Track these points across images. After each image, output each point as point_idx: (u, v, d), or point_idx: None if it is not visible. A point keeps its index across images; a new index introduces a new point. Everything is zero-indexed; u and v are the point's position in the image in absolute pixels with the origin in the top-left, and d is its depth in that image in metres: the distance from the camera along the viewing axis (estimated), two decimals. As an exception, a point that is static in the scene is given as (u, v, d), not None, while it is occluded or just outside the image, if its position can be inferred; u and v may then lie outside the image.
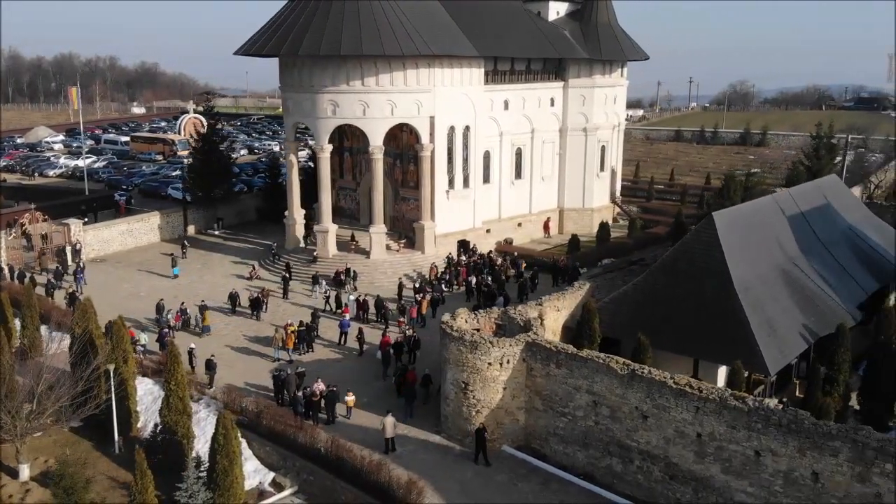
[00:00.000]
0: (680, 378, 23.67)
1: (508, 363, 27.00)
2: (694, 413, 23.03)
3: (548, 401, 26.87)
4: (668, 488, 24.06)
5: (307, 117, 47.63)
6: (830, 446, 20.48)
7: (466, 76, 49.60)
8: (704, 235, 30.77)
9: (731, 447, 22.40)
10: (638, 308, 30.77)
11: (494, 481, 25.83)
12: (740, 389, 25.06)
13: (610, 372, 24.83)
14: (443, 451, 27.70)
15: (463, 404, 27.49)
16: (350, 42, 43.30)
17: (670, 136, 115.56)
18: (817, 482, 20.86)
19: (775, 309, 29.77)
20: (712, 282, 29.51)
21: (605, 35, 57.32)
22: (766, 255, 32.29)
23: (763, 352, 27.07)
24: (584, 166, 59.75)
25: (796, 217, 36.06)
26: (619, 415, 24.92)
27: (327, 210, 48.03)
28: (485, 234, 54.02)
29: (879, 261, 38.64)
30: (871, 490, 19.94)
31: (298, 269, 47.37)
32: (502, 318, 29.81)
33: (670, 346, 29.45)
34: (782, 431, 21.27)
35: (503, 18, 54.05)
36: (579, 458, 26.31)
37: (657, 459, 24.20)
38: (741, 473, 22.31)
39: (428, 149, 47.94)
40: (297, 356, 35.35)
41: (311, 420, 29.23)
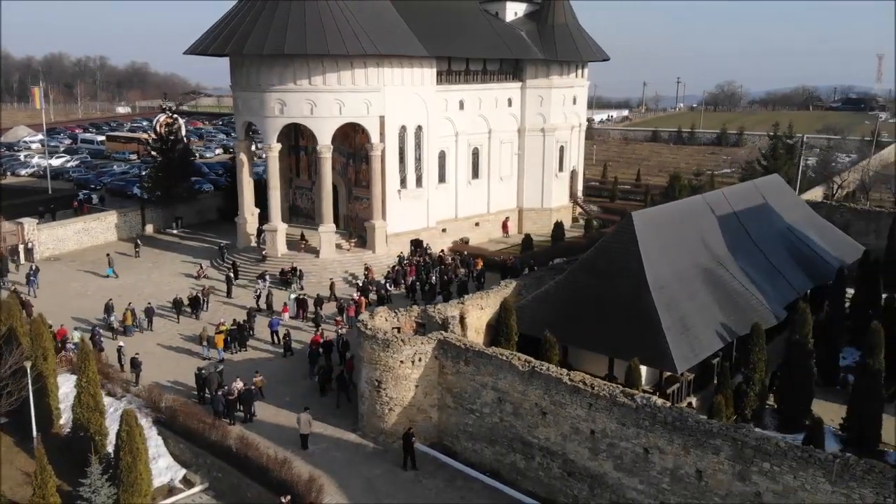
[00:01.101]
0: (575, 375, 23.82)
1: (420, 361, 27.13)
2: (587, 409, 23.18)
3: (458, 398, 27.03)
4: (567, 485, 24.20)
5: (255, 116, 47.74)
6: (712, 444, 20.62)
7: (418, 76, 49.71)
8: (623, 235, 30.90)
9: (622, 444, 22.55)
10: (557, 306, 30.89)
11: (400, 478, 25.95)
12: (637, 387, 25.23)
13: (512, 369, 24.98)
14: (356, 448, 27.82)
15: (376, 402, 27.62)
16: (294, 41, 43.42)
17: (647, 136, 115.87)
18: (701, 480, 21.00)
19: (692, 308, 29.89)
20: (628, 281, 29.64)
21: (561, 36, 57.50)
22: (689, 254, 32.42)
23: (672, 350, 27.19)
24: (542, 166, 59.94)
25: (728, 217, 36.20)
26: (521, 411, 25.07)
27: (276, 209, 48.13)
28: (440, 234, 54.17)
29: (817, 260, 38.82)
30: (751, 489, 20.08)
31: (247, 268, 47.50)
32: (422, 317, 29.93)
33: (587, 343, 29.66)
34: (668, 429, 21.41)
35: (458, 19, 54.24)
36: (486, 455, 26.46)
37: (556, 456, 24.35)
38: (632, 471, 22.46)
39: (378, 148, 48.06)
40: (229, 355, 35.45)
41: (229, 418, 29.36)
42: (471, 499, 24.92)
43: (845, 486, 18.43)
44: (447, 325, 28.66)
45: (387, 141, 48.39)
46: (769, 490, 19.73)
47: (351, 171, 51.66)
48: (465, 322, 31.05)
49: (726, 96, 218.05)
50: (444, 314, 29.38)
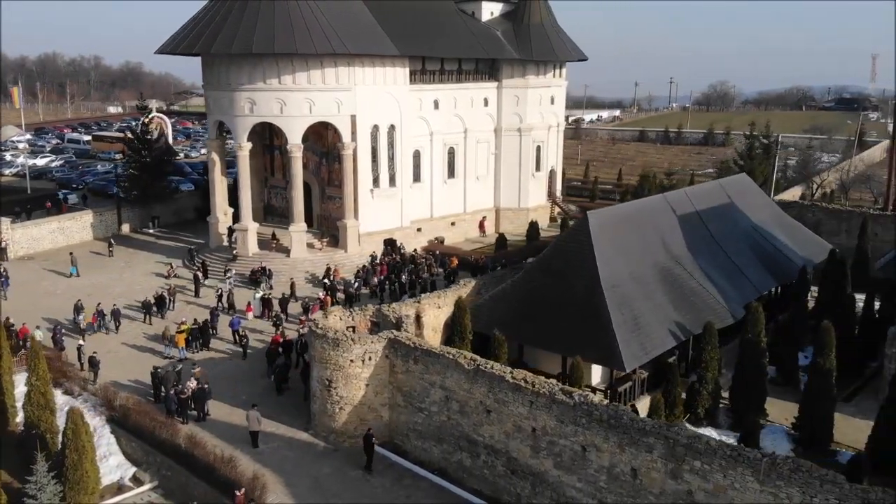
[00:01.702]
0: (517, 373, 23.82)
1: (371, 360, 27.12)
2: (529, 407, 23.18)
3: (408, 397, 27.02)
4: (510, 483, 24.20)
5: (225, 115, 47.72)
6: (645, 442, 20.62)
7: (390, 75, 49.72)
8: (578, 234, 30.91)
9: (561, 442, 22.55)
10: (513, 305, 30.87)
11: (348, 477, 25.95)
12: (579, 385, 25.26)
13: (458, 367, 24.97)
14: (306, 448, 27.79)
15: (327, 401, 27.61)
16: (263, 40, 43.43)
17: (635, 136, 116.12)
18: (636, 478, 20.99)
19: (646, 306, 29.89)
20: (582, 280, 29.63)
21: (537, 35, 57.51)
22: (646, 253, 32.42)
23: (621, 348, 27.17)
24: (519, 166, 59.99)
25: (689, 216, 36.21)
26: (467, 409, 25.07)
27: (247, 208, 48.12)
28: (415, 233, 54.19)
29: (781, 260, 38.84)
30: (684, 487, 20.07)
31: (218, 267, 47.46)
32: (376, 316, 29.92)
33: (541, 342, 29.64)
34: (604, 427, 21.41)
35: (433, 18, 54.24)
36: (435, 454, 26.46)
37: (500, 454, 24.35)
38: (571, 468, 22.46)
39: (350, 147, 48.08)
40: (190, 354, 35.46)
41: (182, 417, 29.37)
42: (417, 497, 24.91)
43: (773, 485, 18.42)
44: (400, 325, 28.64)
45: (359, 140, 48.41)
46: (700, 489, 19.72)
47: (324, 170, 51.67)
48: (421, 321, 31.04)
49: (719, 96, 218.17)
50: (399, 313, 29.37)
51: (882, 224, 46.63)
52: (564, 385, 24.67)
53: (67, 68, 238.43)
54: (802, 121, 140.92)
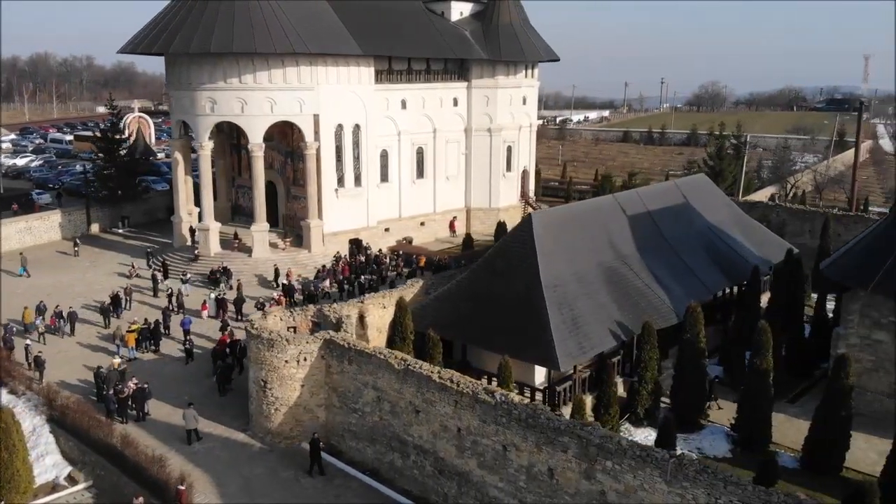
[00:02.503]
0: (445, 372, 23.75)
1: (306, 360, 27.04)
2: (454, 407, 23.11)
3: (342, 397, 26.95)
4: (438, 483, 24.13)
5: (187, 114, 47.61)
6: (561, 442, 20.55)
7: (354, 75, 49.65)
8: (522, 235, 30.89)
9: (483, 441, 22.48)
10: (457, 305, 30.84)
11: (280, 477, 25.85)
12: (509, 384, 25.20)
13: (389, 367, 24.90)
14: (241, 448, 27.68)
15: (263, 402, 27.53)
16: (221, 39, 43.36)
17: (619, 137, 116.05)
18: (552, 478, 20.92)
19: (587, 306, 29.83)
20: (523, 280, 29.60)
21: (506, 35, 57.40)
22: (592, 253, 32.36)
23: (557, 348, 27.13)
24: (489, 166, 59.87)
25: (640, 216, 36.16)
26: (398, 409, 25.00)
27: (209, 208, 48.01)
28: (383, 233, 54.12)
29: (737, 260, 38.76)
30: (597, 487, 20.00)
31: (181, 267, 47.37)
32: (317, 316, 29.84)
33: (483, 342, 29.58)
34: (522, 426, 21.34)
35: (399, 18, 54.14)
36: (368, 454, 26.39)
37: (428, 454, 24.28)
38: (493, 468, 22.39)
39: (313, 147, 47.99)
40: (140, 354, 35.37)
41: (122, 417, 29.29)
42: (346, 498, 24.82)
43: (680, 486, 18.35)
44: (340, 325, 28.56)
45: (323, 140, 48.32)
46: (612, 489, 19.66)
47: (289, 169, 51.58)
48: (365, 321, 30.97)
49: (710, 97, 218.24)
50: (339, 313, 29.28)
51: (844, 224, 46.58)
52: (505, 385, 24.79)
53: (60, 68, 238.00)
54: (790, 121, 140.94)
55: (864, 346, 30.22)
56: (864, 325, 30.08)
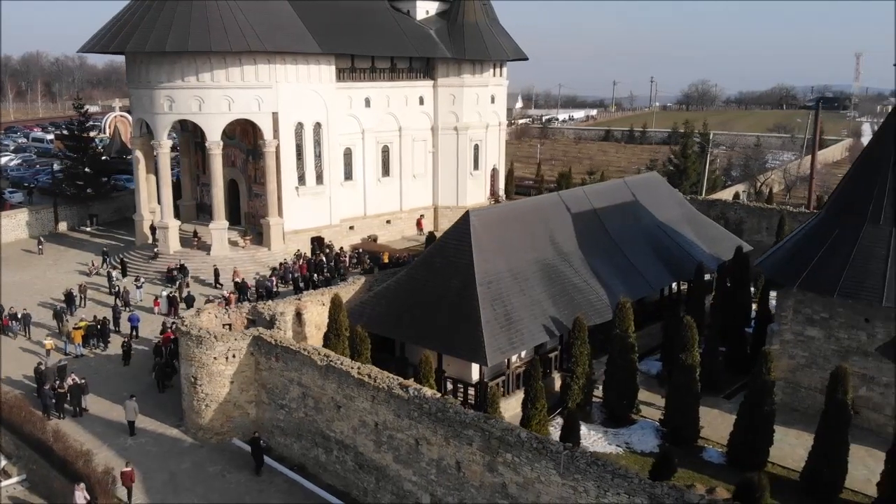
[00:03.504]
0: (363, 368, 23.96)
1: (235, 357, 27.24)
2: (371, 402, 23.32)
3: (271, 394, 27.17)
4: (358, 478, 24.35)
5: (146, 113, 47.79)
6: (466, 435, 20.75)
7: (315, 73, 49.84)
8: (459, 232, 31.06)
9: (398, 436, 22.69)
10: (395, 302, 30.98)
11: (206, 472, 26.06)
12: (429, 379, 25.41)
13: (312, 364, 25.11)
14: (173, 443, 27.91)
15: (194, 398, 27.72)
16: (177, 38, 43.55)
17: (601, 135, 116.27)
18: (460, 471, 21.14)
19: (522, 302, 30.01)
20: (458, 277, 29.77)
21: (470, 34, 57.62)
22: (532, 250, 32.53)
23: (486, 344, 27.30)
24: (456, 165, 60.11)
25: (585, 214, 36.34)
26: (321, 405, 25.22)
27: (168, 206, 48.22)
28: (347, 231, 54.36)
29: (684, 257, 38.95)
30: (499, 480, 20.20)
31: (141, 265, 47.59)
32: (252, 314, 30.03)
33: (418, 339, 29.69)
34: (432, 420, 21.55)
35: (361, 17, 54.26)
36: (295, 450, 26.61)
37: (349, 449, 24.50)
38: (407, 462, 22.60)
39: (272, 145, 48.18)
40: (86, 351, 35.58)
41: (59, 412, 29.50)
42: (269, 493, 25.02)
43: (572, 478, 18.56)
44: (274, 322, 28.75)
45: (282, 138, 48.52)
46: (513, 482, 19.87)
47: (251, 167, 51.76)
48: (303, 318, 31.15)
49: (699, 95, 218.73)
50: (274, 311, 29.47)
51: (800, 221, 46.60)
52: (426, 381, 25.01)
53: (52, 67, 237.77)
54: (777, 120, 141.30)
55: (797, 343, 30.42)
56: (797, 322, 30.27)
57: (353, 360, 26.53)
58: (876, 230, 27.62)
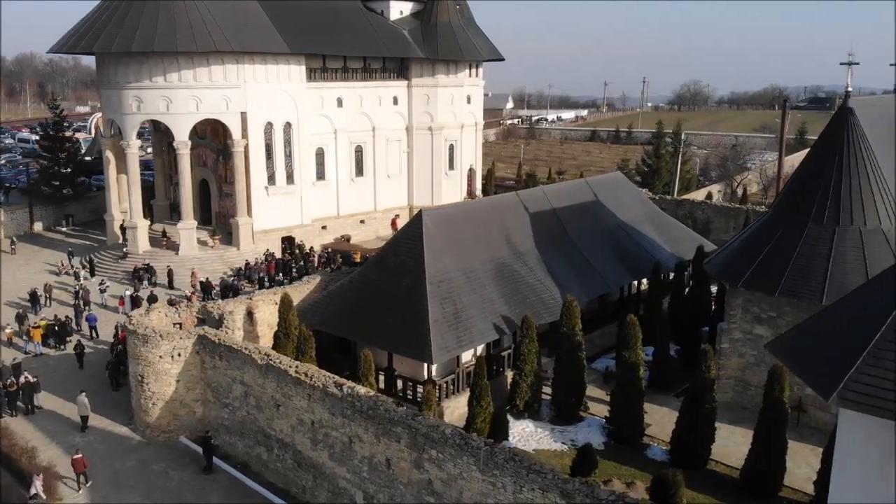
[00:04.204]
0: (302, 366, 24.12)
1: (180, 356, 27.39)
2: (308, 400, 23.49)
3: (216, 392, 27.33)
4: (297, 475, 24.52)
5: (115, 113, 47.92)
6: (395, 432, 20.92)
7: (284, 73, 49.99)
8: (411, 231, 31.21)
9: (333, 434, 22.87)
10: (347, 302, 31.10)
11: (150, 470, 26.22)
12: (368, 378, 25.57)
13: (253, 362, 25.27)
14: (121, 441, 28.08)
15: (141, 396, 27.87)
16: (144, 38, 43.70)
17: (587, 136, 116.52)
18: (389, 468, 21.31)
19: (473, 301, 30.14)
20: (409, 276, 29.90)
21: (444, 35, 57.77)
22: (486, 249, 32.66)
23: (433, 342, 27.43)
24: (431, 165, 60.27)
25: (543, 213, 36.49)
26: (262, 404, 25.38)
27: (137, 206, 48.35)
28: (320, 231, 54.48)
29: (644, 257, 39.08)
30: (425, 477, 20.37)
31: (110, 265, 47.72)
32: (202, 313, 30.17)
33: (369, 338, 29.76)
34: (364, 417, 21.72)
35: (332, 17, 54.36)
36: (239, 448, 26.77)
37: (288, 447, 24.66)
38: (341, 459, 22.78)
39: (240, 144, 48.32)
40: (47, 350, 35.72)
41: (11, 410, 29.67)
42: (210, 490, 25.19)
43: (491, 474, 18.73)
44: (222, 321, 28.90)
45: (251, 137, 48.66)
46: (437, 478, 20.03)
47: (221, 167, 51.88)
48: (254, 317, 31.28)
49: (691, 96, 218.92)
50: (223, 310, 29.62)
51: (766, 221, 46.94)
52: (364, 379, 25.17)
53: (46, 68, 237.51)
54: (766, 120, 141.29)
55: (746, 341, 30.59)
56: (745, 320, 30.43)
57: (298, 359, 26.73)
58: (819, 229, 27.80)
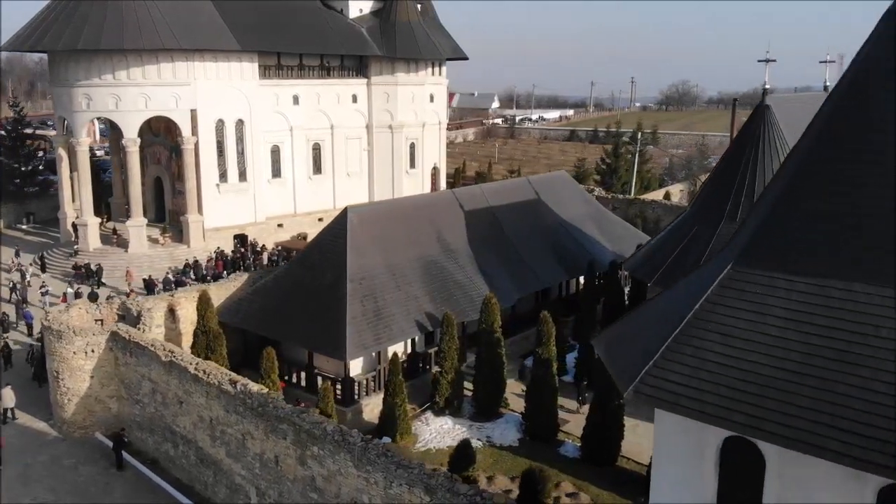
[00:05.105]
0: (201, 364, 24.15)
1: (94, 352, 27.40)
2: (206, 398, 23.53)
3: (128, 388, 27.36)
4: (200, 472, 24.57)
5: (66, 111, 47.91)
6: (281, 429, 20.97)
7: (236, 70, 49.98)
8: (336, 229, 31.28)
9: (229, 431, 22.90)
10: (270, 299, 31.14)
11: (61, 465, 26.25)
12: (271, 376, 25.60)
13: (158, 359, 25.29)
14: (37, 436, 28.11)
15: (57, 392, 27.89)
16: (91, 36, 43.71)
17: (566, 135, 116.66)
18: (278, 465, 21.35)
19: (396, 298, 30.17)
20: (331, 273, 29.96)
21: (402, 33, 57.75)
22: (414, 247, 32.67)
23: (347, 339, 27.47)
24: (392, 163, 60.29)
25: (479, 211, 36.51)
26: (168, 401, 25.42)
27: (88, 204, 48.32)
28: (275, 229, 54.43)
29: (581, 255, 39.10)
30: (309, 473, 20.42)
31: (61, 262, 47.72)
32: (122, 309, 30.18)
33: (289, 336, 29.84)
34: (255, 415, 21.75)
35: (287, 14, 54.14)
36: (149, 444, 26.83)
37: (191, 444, 24.71)
38: (236, 456, 22.82)
39: (190, 142, 48.30)
40: (-20, 345, 35.73)
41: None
42: (116, 486, 25.20)
43: (365, 469, 18.78)
44: (140, 318, 28.92)
45: (202, 134, 48.64)
46: (319, 474, 20.08)
47: (174, 164, 51.88)
48: (176, 315, 31.25)
49: (679, 96, 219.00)
50: (142, 307, 29.64)
51: (716, 220, 46.99)
52: (267, 377, 25.21)
53: (36, 67, 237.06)
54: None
55: (668, 339, 30.58)
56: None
57: (209, 357, 26.82)
58: (731, 228, 27.76)
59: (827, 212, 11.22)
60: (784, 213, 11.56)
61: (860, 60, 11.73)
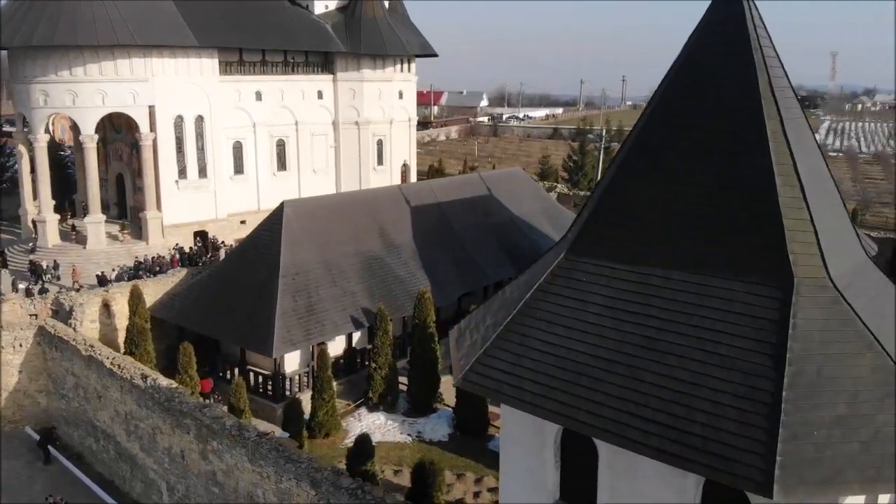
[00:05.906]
0: (116, 358, 24.08)
1: (22, 347, 27.35)
2: (121, 392, 23.46)
3: (55, 383, 27.32)
4: (118, 466, 24.53)
5: (24, 108, 47.73)
6: (185, 424, 20.88)
7: (195, 66, 49.82)
8: (272, 224, 31.18)
9: (141, 425, 22.84)
10: (203, 294, 31.03)
11: (-18, 461, 26.21)
12: (188, 371, 25.52)
13: (80, 354, 25.21)
14: (-34, 432, 28.06)
15: (-15, 387, 27.84)
16: (44, 32, 43.53)
17: (549, 133, 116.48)
18: (184, 459, 21.27)
19: (331, 294, 30.12)
20: (265, 268, 29.88)
21: (368, 29, 57.56)
22: (352, 242, 32.63)
23: (275, 335, 27.40)
24: (359, 160, 60.16)
25: (426, 207, 36.45)
26: (89, 395, 25.36)
27: (46, 200, 48.15)
28: (238, 226, 54.09)
29: (532, 250, 38.98)
30: (211, 468, 20.34)
31: (21, 259, 47.58)
32: (55, 304, 30.09)
33: (219, 332, 29.78)
34: (162, 409, 21.68)
35: (249, 10, 53.89)
36: (75, 438, 26.79)
37: (110, 438, 24.65)
38: (149, 451, 22.75)
39: (148, 138, 48.13)
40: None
41: None
42: (36, 479, 25.15)
43: (258, 464, 18.70)
44: (71, 313, 28.83)
45: (160, 131, 48.45)
46: (219, 469, 20.01)
47: (135, 161, 51.65)
48: (111, 310, 31.16)
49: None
50: (73, 302, 29.54)
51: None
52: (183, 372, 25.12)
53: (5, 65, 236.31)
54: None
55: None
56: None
57: (133, 353, 26.77)
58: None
59: (649, 201, 11.14)
60: (611, 203, 11.48)
61: (687, 50, 11.64)
